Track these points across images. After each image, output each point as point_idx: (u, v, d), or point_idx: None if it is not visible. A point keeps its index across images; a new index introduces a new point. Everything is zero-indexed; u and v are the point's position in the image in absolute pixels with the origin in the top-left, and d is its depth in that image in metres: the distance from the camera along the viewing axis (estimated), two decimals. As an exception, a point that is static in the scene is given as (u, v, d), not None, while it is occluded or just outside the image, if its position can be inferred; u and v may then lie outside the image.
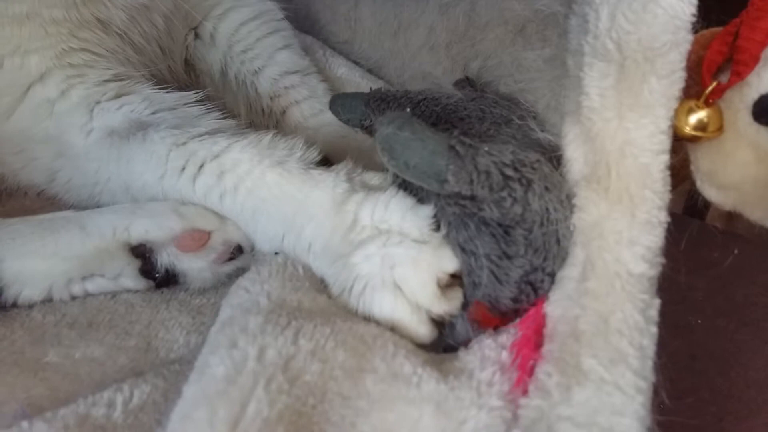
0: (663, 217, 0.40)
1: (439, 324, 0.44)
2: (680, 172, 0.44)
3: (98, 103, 0.56)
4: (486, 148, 0.40)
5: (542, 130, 0.48)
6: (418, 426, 0.37)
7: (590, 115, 0.42)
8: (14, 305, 0.50)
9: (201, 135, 0.53)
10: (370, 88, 0.56)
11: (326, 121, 0.68)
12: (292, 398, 0.34)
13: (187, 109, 0.57)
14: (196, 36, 0.71)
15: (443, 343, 0.44)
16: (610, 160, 0.41)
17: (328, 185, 0.48)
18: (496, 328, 0.43)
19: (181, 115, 0.56)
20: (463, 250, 0.43)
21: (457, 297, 0.44)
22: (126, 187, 0.55)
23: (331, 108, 0.57)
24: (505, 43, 0.60)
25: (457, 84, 0.60)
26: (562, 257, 0.42)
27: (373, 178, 0.49)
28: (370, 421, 0.37)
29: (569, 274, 0.41)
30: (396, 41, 0.80)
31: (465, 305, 0.44)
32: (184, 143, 0.52)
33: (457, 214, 0.42)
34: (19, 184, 0.60)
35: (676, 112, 0.41)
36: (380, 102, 0.53)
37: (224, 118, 0.57)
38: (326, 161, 0.59)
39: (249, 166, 0.50)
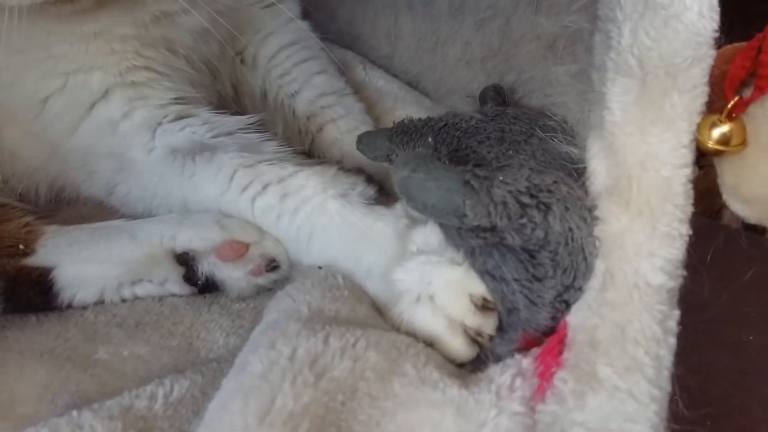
0: (684, 230, 0.41)
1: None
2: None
3: (160, 124, 0.60)
4: (501, 178, 0.41)
5: (570, 144, 0.50)
6: (440, 428, 0.39)
7: (613, 130, 0.43)
8: (69, 306, 0.54)
9: (268, 160, 0.57)
10: (393, 122, 0.58)
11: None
12: (319, 392, 0.36)
13: (246, 134, 0.60)
14: (241, 60, 0.75)
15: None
16: (632, 173, 0.42)
17: (389, 219, 0.52)
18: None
19: (242, 140, 0.60)
20: (493, 277, 0.45)
21: (492, 317, 0.46)
22: (183, 201, 0.59)
23: (357, 147, 0.60)
24: (537, 58, 0.61)
25: (484, 93, 0.61)
26: (591, 272, 0.43)
27: None
28: (395, 421, 0.39)
29: (590, 285, 0.42)
30: (434, 56, 0.83)
31: (503, 330, 0.46)
32: (251, 165, 0.56)
33: (476, 247, 0.44)
34: (78, 194, 0.65)
35: (699, 126, 0.42)
36: (403, 135, 0.55)
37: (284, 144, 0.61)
38: (361, 172, 0.63)
39: (312, 193, 0.55)
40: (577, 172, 0.46)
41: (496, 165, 0.46)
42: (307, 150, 0.73)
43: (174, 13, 0.60)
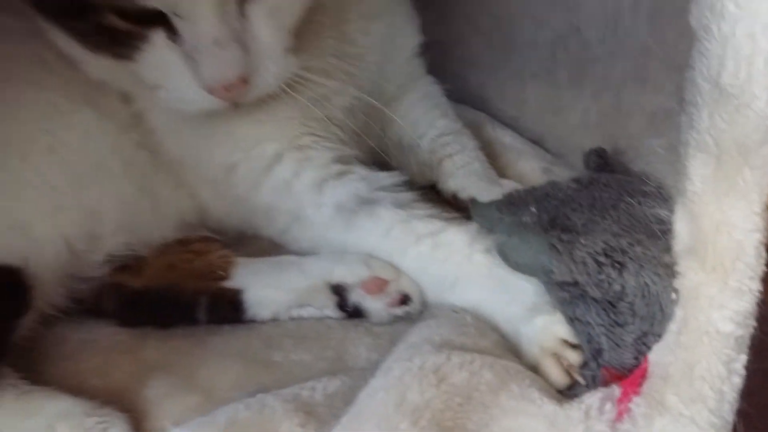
0: (755, 286, 0.48)
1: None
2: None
3: (326, 181, 0.70)
4: (582, 241, 0.51)
5: (662, 207, 0.58)
6: (533, 435, 0.49)
7: (693, 198, 0.51)
8: (253, 321, 0.69)
9: (419, 216, 0.67)
10: (502, 194, 0.67)
11: (473, 170, 0.83)
12: (440, 392, 0.47)
13: (400, 190, 0.70)
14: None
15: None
16: (708, 236, 0.49)
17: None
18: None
19: (396, 195, 0.69)
20: (580, 322, 0.54)
21: (577, 352, 0.56)
22: (344, 245, 0.69)
23: (472, 214, 0.68)
24: (641, 129, 0.70)
25: (588, 155, 0.70)
26: (667, 320, 0.51)
27: None
28: (500, 425, 0.49)
29: (670, 328, 0.50)
30: (556, 119, 0.92)
31: (590, 367, 0.55)
32: (406, 221, 0.67)
33: (567, 297, 0.54)
34: (257, 235, 0.78)
35: (771, 197, 0.49)
36: (510, 205, 0.64)
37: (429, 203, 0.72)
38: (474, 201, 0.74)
39: (461, 246, 0.64)
40: (664, 232, 0.54)
41: (583, 230, 0.55)
42: (431, 179, 0.86)
43: (328, 94, 0.72)
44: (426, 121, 0.88)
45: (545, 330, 0.58)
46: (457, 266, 0.64)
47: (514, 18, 0.96)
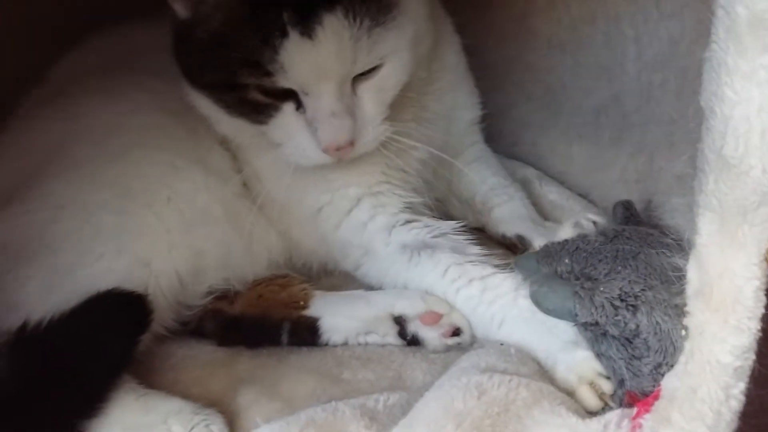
0: (753, 325, 0.56)
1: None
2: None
3: (394, 227, 0.82)
4: (601, 288, 0.61)
5: (681, 257, 0.67)
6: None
7: (701, 249, 0.59)
8: (326, 344, 0.81)
9: (473, 261, 0.78)
10: (538, 246, 0.77)
11: (519, 214, 0.95)
12: (481, 402, 0.57)
13: (458, 238, 0.81)
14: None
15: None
16: (713, 281, 0.58)
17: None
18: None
19: (453, 241, 0.80)
20: (605, 357, 0.64)
21: (609, 382, 0.65)
22: (405, 282, 0.81)
23: (514, 267, 0.77)
24: (671, 187, 0.79)
25: (615, 207, 0.80)
26: (679, 353, 0.60)
27: None
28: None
29: (680, 360, 0.59)
30: (599, 175, 1.01)
31: (615, 394, 0.64)
32: (461, 264, 0.77)
33: (592, 335, 0.64)
34: (335, 269, 0.92)
35: (768, 251, 0.57)
36: (546, 257, 0.72)
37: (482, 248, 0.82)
38: (522, 239, 0.87)
39: (507, 290, 0.74)
40: (679, 278, 0.63)
41: (606, 279, 0.65)
42: (483, 225, 0.97)
43: (406, 148, 0.84)
44: (479, 179, 1.00)
45: (584, 362, 0.66)
46: (504, 308, 0.74)
47: (563, 87, 1.07)
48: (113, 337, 0.70)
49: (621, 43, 0.92)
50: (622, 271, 0.65)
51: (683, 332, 0.59)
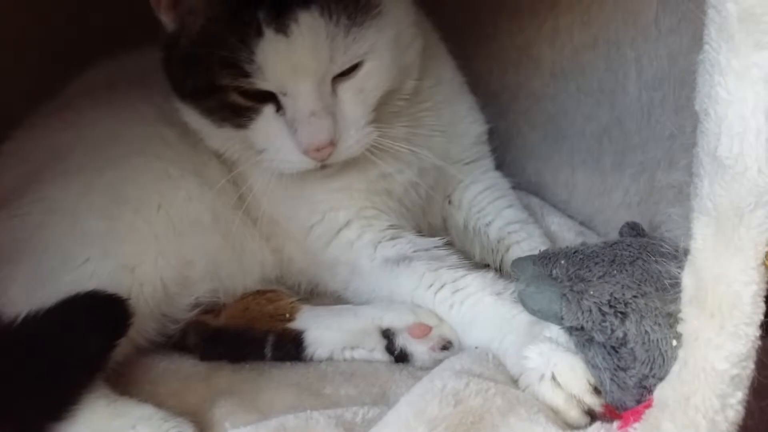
0: (750, 332, 0.52)
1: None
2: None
3: (380, 243, 0.83)
4: (591, 292, 0.58)
5: (677, 266, 0.64)
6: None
7: (696, 254, 0.57)
8: (311, 358, 0.79)
9: (447, 266, 0.78)
10: (539, 250, 0.75)
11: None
12: (456, 411, 0.54)
13: (438, 250, 0.81)
14: (449, 202, 1.00)
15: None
16: (708, 286, 0.55)
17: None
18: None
19: (434, 253, 0.81)
20: (592, 366, 0.60)
21: (599, 397, 0.61)
22: (390, 293, 0.80)
23: (511, 268, 0.76)
24: (670, 201, 0.76)
25: (622, 229, 0.77)
26: (667, 366, 0.56)
27: None
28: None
29: (673, 368, 0.55)
30: (602, 200, 0.99)
31: None
32: (435, 270, 0.78)
33: (578, 341, 0.60)
34: (325, 289, 0.90)
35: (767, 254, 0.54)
36: (543, 259, 0.71)
37: (462, 259, 0.82)
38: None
39: (475, 290, 0.74)
40: (673, 285, 0.60)
41: (598, 281, 0.62)
42: (498, 267, 0.92)
43: (392, 172, 0.85)
44: (493, 210, 0.97)
45: (573, 371, 0.61)
46: (472, 307, 0.74)
47: (566, 113, 1.06)
48: (89, 338, 0.68)
49: (622, 65, 0.91)
50: (617, 275, 0.62)
51: (674, 342, 0.55)
